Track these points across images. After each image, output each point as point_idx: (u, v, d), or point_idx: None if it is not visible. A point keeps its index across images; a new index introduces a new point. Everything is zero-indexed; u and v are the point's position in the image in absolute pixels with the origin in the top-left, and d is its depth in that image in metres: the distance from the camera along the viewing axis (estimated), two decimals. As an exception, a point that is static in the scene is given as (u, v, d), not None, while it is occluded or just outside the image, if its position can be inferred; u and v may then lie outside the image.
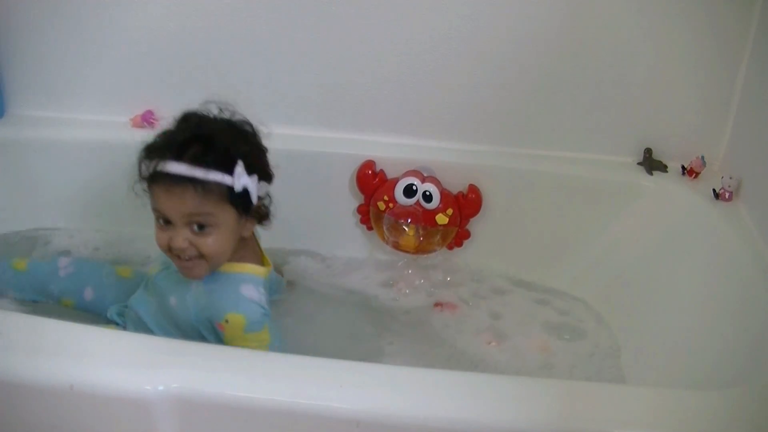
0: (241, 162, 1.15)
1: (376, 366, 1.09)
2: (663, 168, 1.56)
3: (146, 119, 1.64)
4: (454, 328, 1.50)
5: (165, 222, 1.17)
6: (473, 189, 1.59)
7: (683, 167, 1.55)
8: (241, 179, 1.15)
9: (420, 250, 1.61)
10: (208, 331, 1.24)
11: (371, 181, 1.60)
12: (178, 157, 1.13)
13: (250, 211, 1.20)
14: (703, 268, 1.37)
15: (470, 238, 1.63)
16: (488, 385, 0.99)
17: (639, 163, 1.58)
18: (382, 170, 1.61)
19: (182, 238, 1.15)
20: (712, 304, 1.30)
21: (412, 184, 1.57)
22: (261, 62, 1.59)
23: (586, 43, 1.50)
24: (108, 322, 1.37)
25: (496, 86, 1.56)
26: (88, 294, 1.45)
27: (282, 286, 1.45)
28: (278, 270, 1.48)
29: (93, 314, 1.42)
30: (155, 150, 1.16)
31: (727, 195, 1.44)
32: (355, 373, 1.00)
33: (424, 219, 1.58)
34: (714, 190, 1.46)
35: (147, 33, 1.58)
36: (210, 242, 1.16)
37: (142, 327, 1.30)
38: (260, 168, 1.21)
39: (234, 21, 1.55)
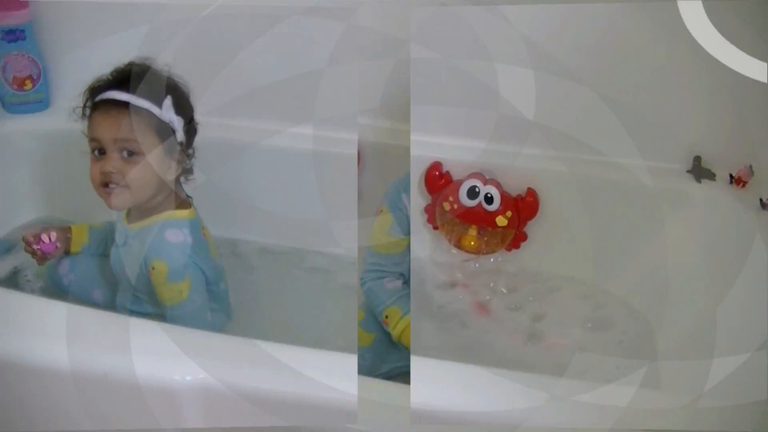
0: (171, 98, 1.29)
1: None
2: (711, 176, 1.59)
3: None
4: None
5: (99, 153, 1.29)
6: (531, 192, 1.65)
7: (731, 176, 1.57)
8: (168, 112, 1.28)
9: (481, 251, 1.68)
10: (144, 283, 1.32)
11: (438, 182, 1.68)
12: (116, 85, 1.28)
13: (174, 151, 1.31)
14: (747, 280, 1.38)
15: (526, 241, 1.70)
16: (487, 383, 1.02)
17: (688, 171, 1.62)
18: (448, 171, 1.68)
19: (112, 163, 1.27)
20: (756, 317, 1.30)
21: (475, 186, 1.63)
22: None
23: (641, 51, 1.54)
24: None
25: (555, 96, 1.60)
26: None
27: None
28: None
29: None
30: (98, 85, 1.31)
31: (774, 205, 1.47)
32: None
33: (486, 221, 1.64)
34: (761, 200, 1.48)
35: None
36: (137, 170, 1.27)
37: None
38: (186, 115, 1.33)
39: (235, 20, 1.60)
